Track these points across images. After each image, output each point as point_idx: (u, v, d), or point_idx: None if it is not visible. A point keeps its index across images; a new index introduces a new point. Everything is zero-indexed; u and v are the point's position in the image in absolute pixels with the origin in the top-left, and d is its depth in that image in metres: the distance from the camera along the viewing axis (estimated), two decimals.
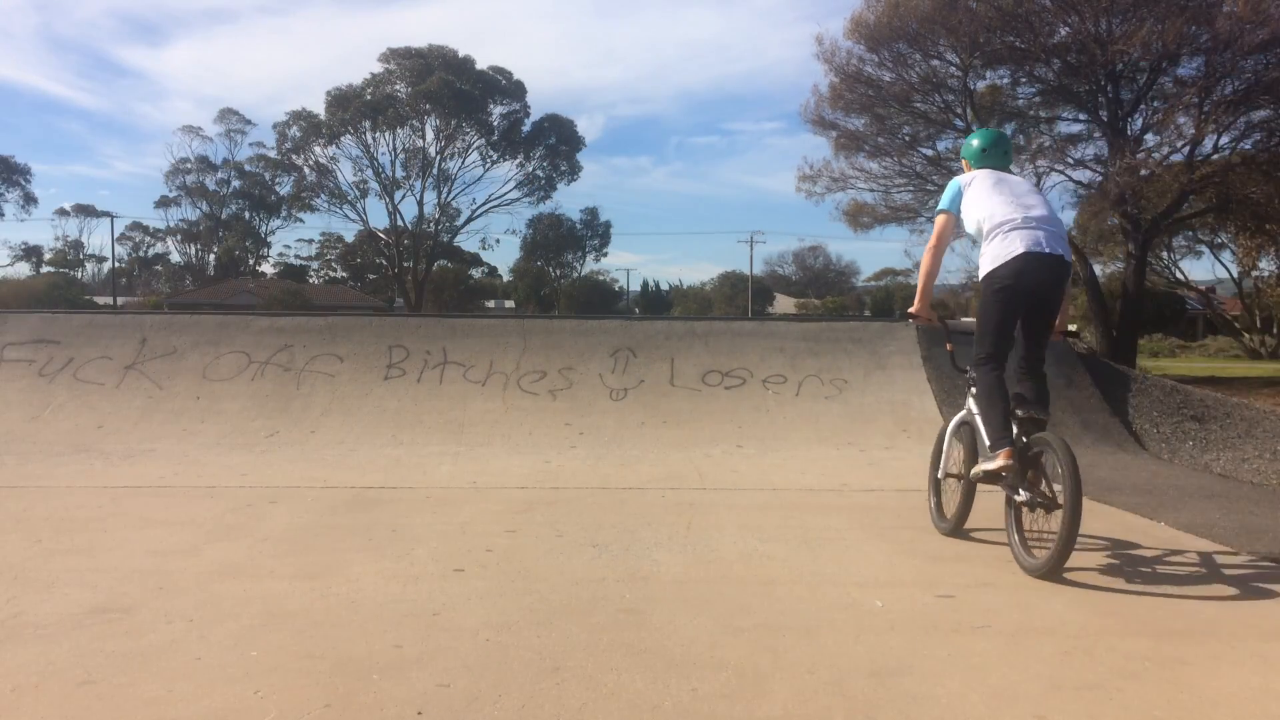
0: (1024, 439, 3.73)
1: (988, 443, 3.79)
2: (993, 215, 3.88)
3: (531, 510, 4.76)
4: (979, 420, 3.90)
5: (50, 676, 2.51)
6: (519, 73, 55.40)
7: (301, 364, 8.08)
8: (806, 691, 2.46)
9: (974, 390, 4.02)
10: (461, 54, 43.62)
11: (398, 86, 43.32)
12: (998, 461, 3.67)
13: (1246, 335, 40.58)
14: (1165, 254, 34.16)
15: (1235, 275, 39.95)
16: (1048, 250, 3.77)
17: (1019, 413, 3.79)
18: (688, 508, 4.85)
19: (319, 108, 43.88)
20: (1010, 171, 4.26)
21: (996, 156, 4.26)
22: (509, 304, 65.26)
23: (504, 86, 44.73)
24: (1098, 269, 23.76)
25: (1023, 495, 3.65)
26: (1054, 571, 3.49)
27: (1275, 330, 39.34)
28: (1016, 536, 3.74)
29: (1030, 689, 2.50)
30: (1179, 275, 38.27)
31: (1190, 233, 29.21)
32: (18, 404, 7.50)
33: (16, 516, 4.49)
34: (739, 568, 3.71)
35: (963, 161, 4.45)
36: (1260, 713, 2.38)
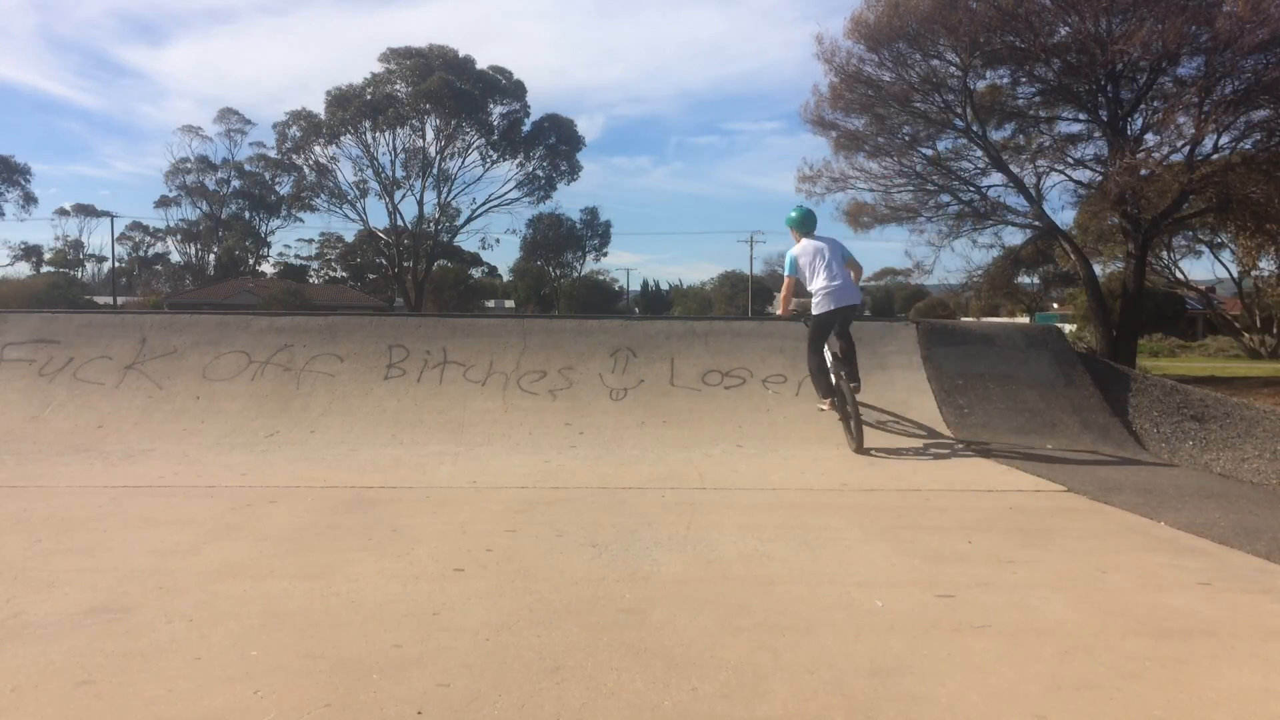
0: (842, 389, 6.93)
1: (820, 393, 7.21)
2: (815, 281, 7.01)
3: (531, 510, 4.76)
4: (813, 380, 7.27)
5: (50, 676, 2.51)
6: (519, 72, 55.43)
7: (301, 364, 8.08)
8: (806, 691, 2.46)
9: (810, 364, 7.30)
10: (462, 54, 43.66)
11: (398, 86, 43.32)
12: (825, 405, 7.21)
13: (1246, 335, 40.60)
14: (1165, 254, 34.19)
15: (1235, 275, 39.99)
16: (845, 304, 7.02)
17: (843, 374, 6.96)
18: (688, 507, 4.85)
19: (319, 107, 43.94)
20: (815, 237, 7.18)
21: (810, 226, 7.28)
22: (509, 304, 65.29)
23: (504, 86, 44.73)
24: (1098, 269, 23.79)
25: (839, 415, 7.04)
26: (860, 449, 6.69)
27: (1275, 330, 39.37)
28: (846, 435, 6.92)
29: (1030, 689, 2.50)
30: (1179, 275, 38.30)
31: (1190, 232, 29.20)
32: (17, 404, 7.50)
33: (16, 516, 4.48)
34: (739, 567, 3.71)
35: (791, 230, 7.35)
36: (1260, 713, 2.38)
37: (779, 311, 7.59)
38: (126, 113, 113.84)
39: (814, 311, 7.05)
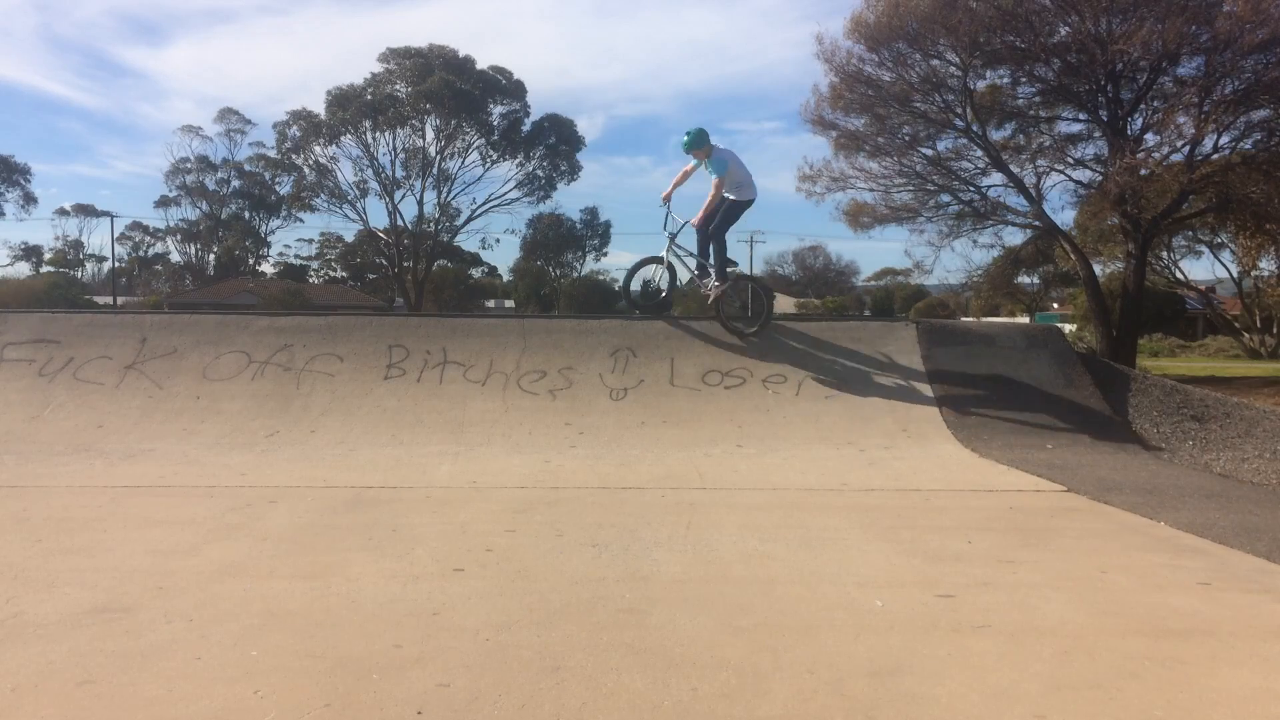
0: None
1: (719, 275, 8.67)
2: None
3: (531, 510, 4.76)
4: (719, 260, 8.75)
5: (50, 676, 2.51)
6: (519, 72, 55.34)
7: (301, 364, 8.08)
8: (806, 691, 2.46)
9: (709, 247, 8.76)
10: (462, 54, 43.61)
11: (398, 86, 43.27)
12: (718, 287, 8.60)
13: (1246, 335, 40.59)
14: (1165, 254, 34.16)
15: (1235, 275, 39.98)
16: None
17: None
18: (687, 507, 4.85)
19: (319, 107, 43.86)
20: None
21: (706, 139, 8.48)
22: (509, 304, 65.23)
23: (504, 86, 44.69)
24: (1098, 269, 23.74)
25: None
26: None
27: (1275, 330, 39.36)
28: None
29: (1030, 688, 2.50)
30: (1179, 275, 38.28)
31: (1190, 232, 29.19)
32: (18, 404, 7.50)
33: (16, 516, 4.49)
34: (739, 567, 3.71)
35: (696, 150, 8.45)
36: (1259, 712, 2.38)
37: (664, 194, 8.76)
38: (126, 113, 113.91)
39: (742, 198, 8.49)
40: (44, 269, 63.21)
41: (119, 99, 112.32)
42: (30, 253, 64.37)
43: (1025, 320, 38.72)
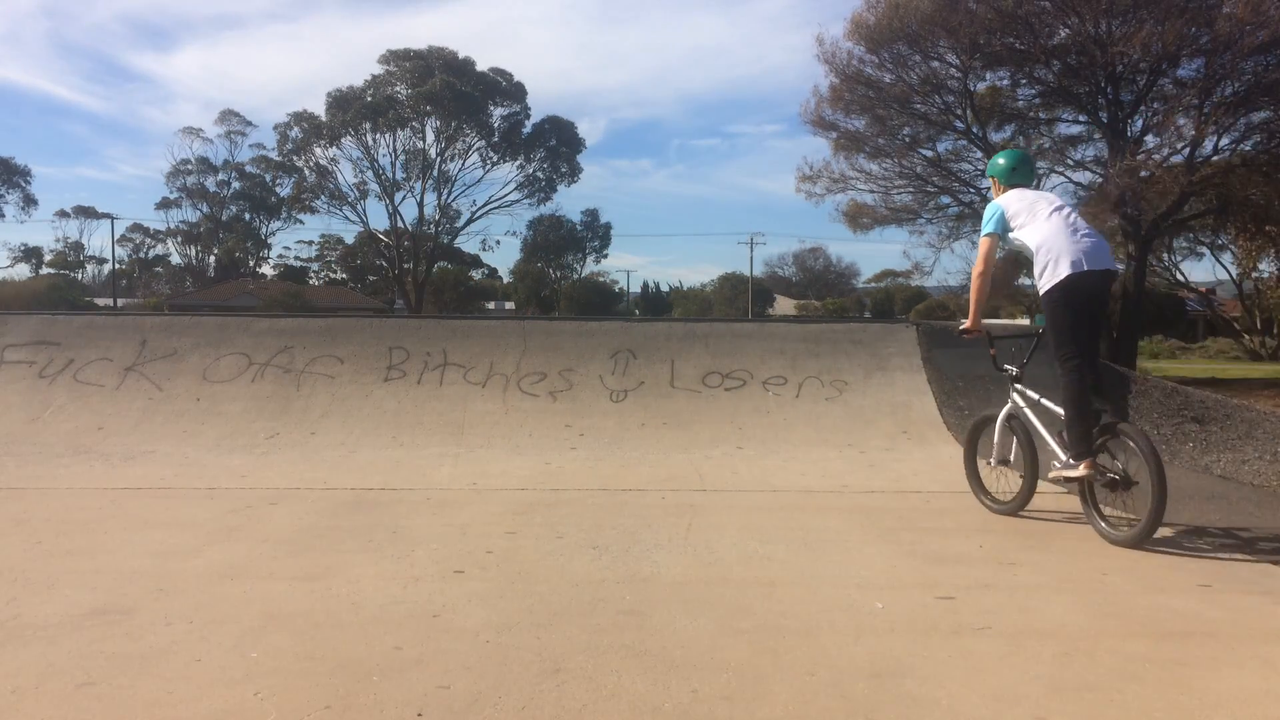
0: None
1: (1068, 450, 4.39)
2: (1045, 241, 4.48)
3: (531, 512, 4.76)
4: (1064, 424, 4.46)
5: (50, 678, 2.51)
6: (522, 76, 55.52)
7: (302, 366, 8.09)
8: (807, 693, 2.46)
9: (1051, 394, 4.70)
10: (462, 55, 43.67)
11: (398, 88, 43.34)
12: (1080, 470, 4.27)
13: (1246, 337, 40.57)
14: (1165, 255, 34.14)
15: (1235, 277, 39.96)
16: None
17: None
18: (688, 509, 4.85)
19: (321, 110, 43.94)
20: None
21: (1025, 174, 4.97)
22: (509, 305, 65.26)
23: (504, 88, 44.74)
24: None
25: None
26: (1140, 542, 4.04)
27: (1275, 332, 39.34)
28: (1098, 518, 4.32)
29: (1030, 691, 2.50)
30: (1179, 277, 38.26)
31: (1190, 234, 29.18)
32: (18, 406, 7.50)
33: (17, 518, 4.48)
34: (739, 569, 3.70)
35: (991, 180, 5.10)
36: (1260, 715, 2.38)
37: (968, 322, 5.16)
38: (132, 116, 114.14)
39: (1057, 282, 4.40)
40: (44, 271, 63.23)
41: (125, 103, 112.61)
42: (30, 254, 64.41)
43: (1025, 322, 38.74)
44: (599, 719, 2.30)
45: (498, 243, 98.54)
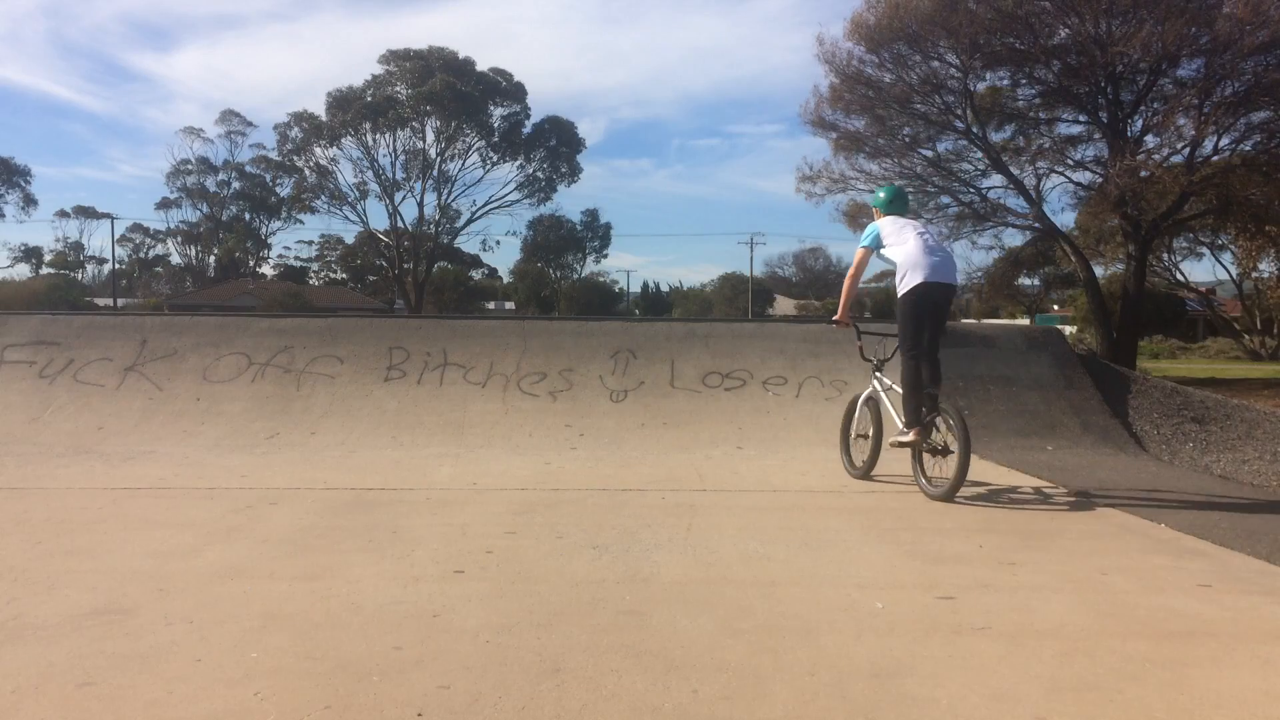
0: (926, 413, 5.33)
1: (902, 420, 5.46)
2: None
3: (531, 512, 4.76)
4: (898, 401, 5.52)
5: (50, 678, 2.51)
6: (522, 76, 55.52)
7: (302, 365, 8.09)
8: (807, 693, 2.46)
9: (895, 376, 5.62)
10: (462, 55, 43.66)
11: (398, 88, 43.32)
12: (910, 436, 5.35)
13: (1247, 337, 40.58)
14: (1165, 255, 34.16)
15: (1235, 277, 39.97)
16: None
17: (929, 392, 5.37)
18: (688, 509, 4.85)
19: (321, 110, 43.92)
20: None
21: (899, 205, 6.09)
22: (509, 305, 65.27)
23: (504, 88, 44.72)
24: (1098, 270, 23.75)
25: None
26: (949, 496, 5.03)
27: (1275, 332, 39.34)
28: (921, 477, 5.33)
29: (1030, 690, 2.50)
30: (1179, 277, 38.28)
31: (1190, 234, 29.18)
32: (18, 405, 7.50)
33: (17, 518, 4.48)
34: (739, 569, 3.70)
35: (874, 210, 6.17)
36: (1260, 715, 2.38)
37: (838, 314, 6.15)
38: (132, 116, 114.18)
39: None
40: (44, 271, 63.24)
41: (126, 103, 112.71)
42: (30, 254, 64.43)
43: (1025, 322, 38.72)
44: (599, 719, 2.30)
45: (498, 243, 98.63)
